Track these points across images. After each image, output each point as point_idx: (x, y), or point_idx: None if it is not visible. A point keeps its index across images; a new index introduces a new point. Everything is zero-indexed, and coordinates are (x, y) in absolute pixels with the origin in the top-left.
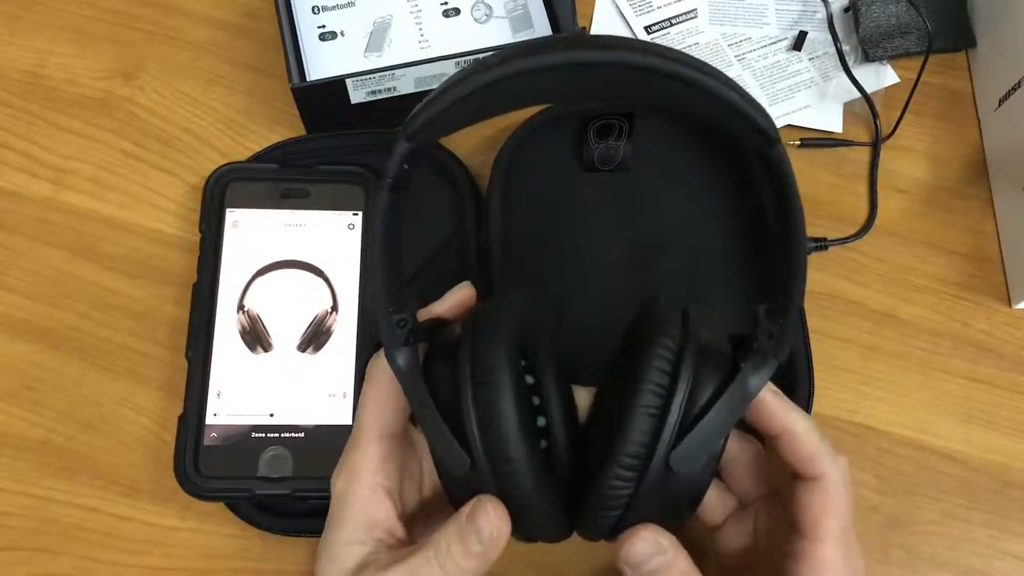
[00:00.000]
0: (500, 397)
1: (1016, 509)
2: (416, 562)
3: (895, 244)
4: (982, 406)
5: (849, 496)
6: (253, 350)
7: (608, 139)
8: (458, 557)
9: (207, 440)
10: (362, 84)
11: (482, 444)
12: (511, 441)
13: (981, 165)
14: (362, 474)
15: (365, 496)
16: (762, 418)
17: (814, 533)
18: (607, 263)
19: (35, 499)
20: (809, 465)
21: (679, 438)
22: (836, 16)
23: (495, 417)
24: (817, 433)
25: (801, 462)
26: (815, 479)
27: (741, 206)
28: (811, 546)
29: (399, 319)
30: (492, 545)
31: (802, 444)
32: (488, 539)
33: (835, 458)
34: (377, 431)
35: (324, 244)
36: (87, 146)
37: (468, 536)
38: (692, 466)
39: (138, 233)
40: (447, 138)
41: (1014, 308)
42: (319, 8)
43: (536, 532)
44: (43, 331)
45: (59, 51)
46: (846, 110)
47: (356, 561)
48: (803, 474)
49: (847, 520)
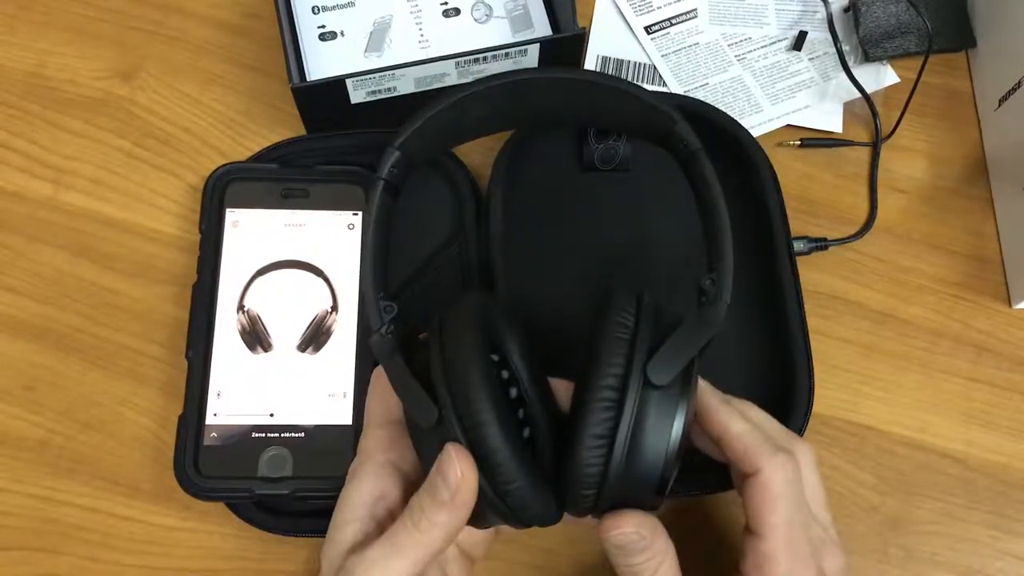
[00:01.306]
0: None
1: (1016, 509)
2: (394, 529)
3: (895, 244)
4: (982, 406)
5: (795, 490)
6: (253, 350)
7: (608, 139)
8: (429, 511)
9: (207, 440)
10: (362, 84)
11: (450, 400)
12: (474, 393)
13: (981, 165)
14: (370, 453)
15: (372, 472)
16: (704, 422)
17: (757, 529)
18: (607, 263)
19: (35, 499)
20: (746, 462)
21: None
22: (836, 16)
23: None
24: (758, 433)
25: (739, 460)
26: (754, 475)
27: (741, 206)
28: (755, 542)
29: (386, 305)
30: (459, 492)
31: (737, 442)
32: (454, 485)
33: (775, 454)
34: (382, 417)
35: (324, 244)
36: (87, 146)
37: (436, 487)
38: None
39: (138, 233)
40: None
41: (1014, 308)
42: (319, 8)
43: (512, 494)
44: (43, 331)
45: (59, 51)
46: (846, 110)
47: (351, 540)
48: (745, 472)
49: (792, 512)
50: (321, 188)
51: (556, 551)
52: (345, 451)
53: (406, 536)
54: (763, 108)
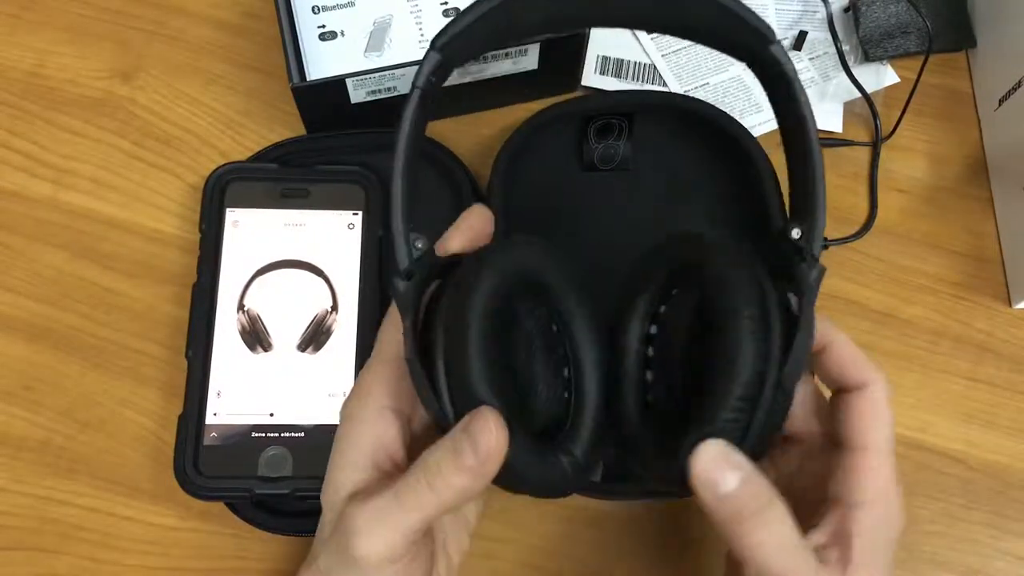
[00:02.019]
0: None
1: (1016, 509)
2: (405, 484)
3: (895, 244)
4: (982, 406)
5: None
6: (253, 350)
7: (608, 139)
8: (449, 473)
9: (207, 440)
10: (362, 84)
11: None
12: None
13: (981, 165)
14: (371, 393)
15: (372, 417)
16: None
17: (862, 441)
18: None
19: (35, 499)
20: (855, 371)
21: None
22: (836, 16)
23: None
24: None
25: (847, 369)
26: (861, 388)
27: (741, 207)
28: (854, 458)
29: (415, 238)
30: (488, 459)
31: (848, 351)
32: (484, 451)
33: (879, 370)
34: (391, 353)
35: (324, 244)
36: (87, 146)
37: (462, 448)
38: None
39: (138, 233)
40: (447, 138)
41: (1014, 308)
42: (319, 8)
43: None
44: (43, 331)
45: (59, 51)
46: (846, 110)
47: (350, 488)
48: (849, 384)
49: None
50: (321, 188)
51: (556, 552)
52: None
53: (416, 495)
54: (763, 108)
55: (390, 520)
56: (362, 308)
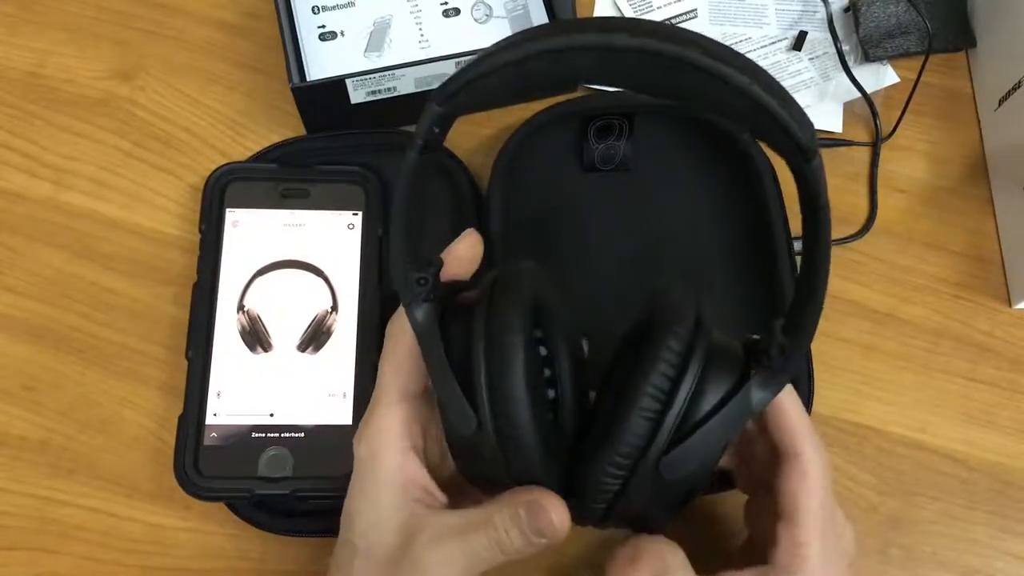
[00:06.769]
0: (511, 357)
1: (1016, 509)
2: (475, 541)
3: (895, 244)
4: (982, 406)
5: (829, 477)
6: (253, 350)
7: (608, 139)
8: (518, 544)
9: (207, 440)
10: (362, 84)
11: (489, 406)
12: (518, 404)
13: (981, 165)
14: (390, 437)
15: (397, 460)
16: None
17: (792, 516)
18: (607, 263)
19: (35, 499)
20: (791, 441)
21: (673, 444)
22: (836, 16)
23: (504, 377)
24: (805, 415)
25: (783, 441)
26: (794, 459)
27: (741, 206)
28: (789, 529)
29: (419, 277)
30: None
31: (786, 420)
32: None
33: (816, 438)
34: (399, 392)
35: (324, 244)
36: (87, 146)
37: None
38: (681, 472)
39: (138, 233)
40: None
41: (1014, 308)
42: (319, 8)
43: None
44: (43, 331)
45: (59, 51)
46: (846, 110)
47: (399, 525)
48: (785, 452)
49: (826, 498)
50: (321, 188)
51: (563, 551)
52: (345, 451)
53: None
54: None
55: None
56: (362, 308)
